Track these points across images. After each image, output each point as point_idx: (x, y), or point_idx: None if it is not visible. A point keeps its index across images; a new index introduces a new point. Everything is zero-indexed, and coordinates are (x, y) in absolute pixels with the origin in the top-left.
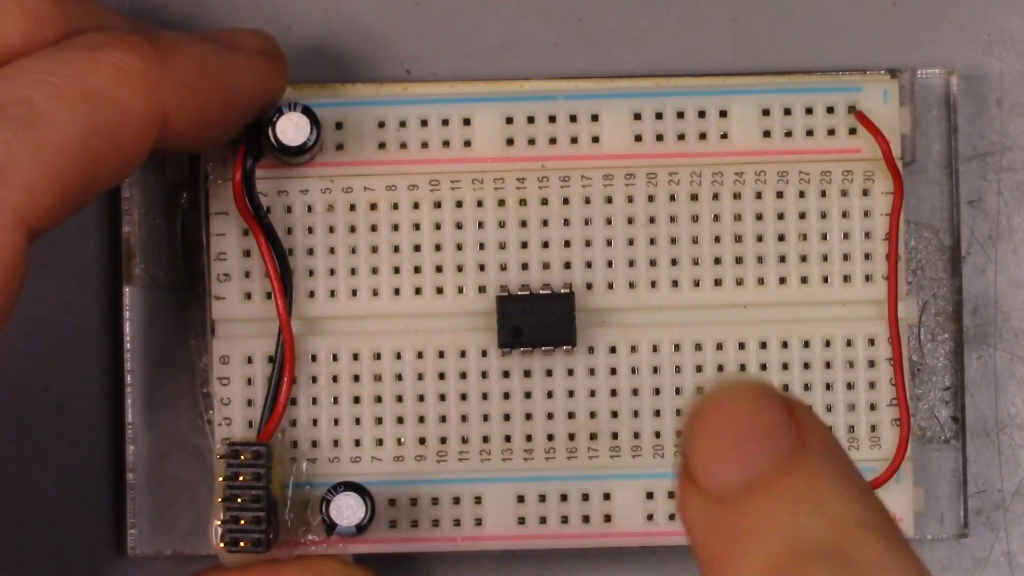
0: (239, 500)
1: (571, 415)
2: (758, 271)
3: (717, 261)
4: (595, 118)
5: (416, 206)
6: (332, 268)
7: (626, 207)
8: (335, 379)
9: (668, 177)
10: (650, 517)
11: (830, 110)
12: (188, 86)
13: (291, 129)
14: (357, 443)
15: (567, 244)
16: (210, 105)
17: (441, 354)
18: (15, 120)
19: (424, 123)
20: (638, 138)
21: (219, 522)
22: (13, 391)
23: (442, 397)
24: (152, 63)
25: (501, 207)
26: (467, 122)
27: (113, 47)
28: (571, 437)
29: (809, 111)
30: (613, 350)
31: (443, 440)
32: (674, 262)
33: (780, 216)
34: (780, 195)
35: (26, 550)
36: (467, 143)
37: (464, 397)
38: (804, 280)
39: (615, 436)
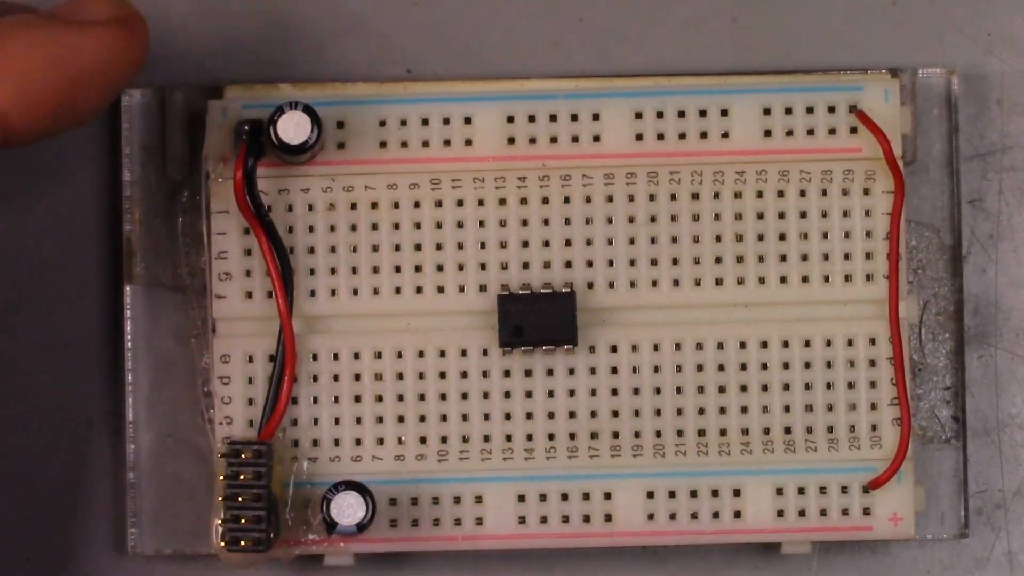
0: (240, 499)
1: (572, 414)
2: (759, 270)
3: (718, 260)
4: (596, 117)
5: (417, 205)
6: (333, 267)
7: (627, 206)
8: (336, 378)
9: (669, 176)
10: (651, 516)
11: (831, 109)
12: (25, 78)
13: (292, 128)
14: (358, 442)
15: (568, 243)
16: (55, 93)
17: (442, 353)
18: None
19: (425, 122)
20: (639, 137)
21: (220, 521)
22: (13, 391)
23: (443, 396)
24: None
25: (502, 206)
26: (468, 121)
27: None
28: (572, 436)
29: (810, 110)
30: (614, 349)
31: (444, 439)
32: (675, 261)
33: (781, 215)
34: (781, 194)
35: (27, 548)
36: (468, 142)
37: (465, 396)
38: (805, 279)
39: (616, 435)
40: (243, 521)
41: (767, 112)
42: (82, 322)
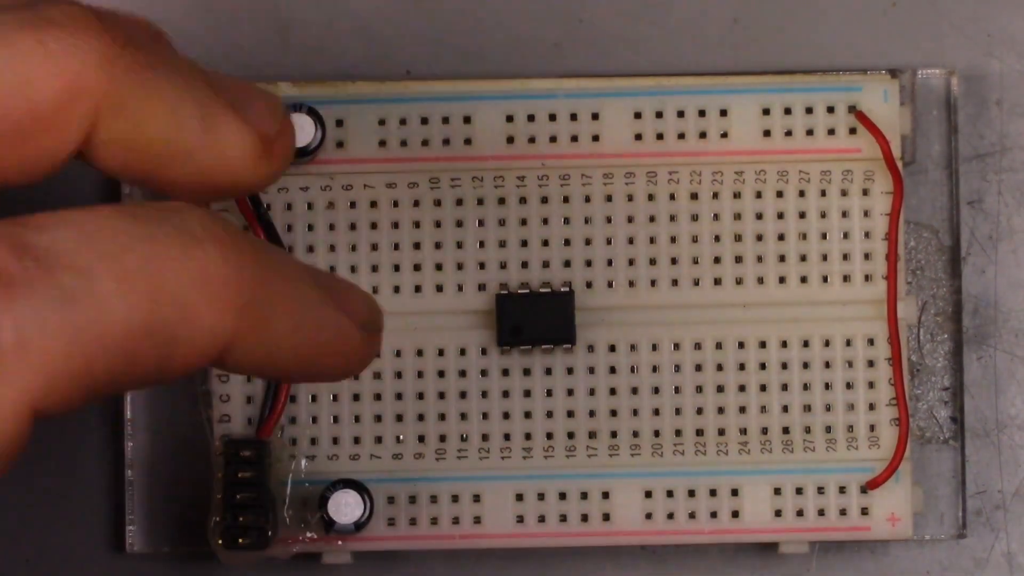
0: (238, 497)
1: (570, 414)
2: (758, 270)
3: (717, 260)
4: (596, 116)
5: (416, 204)
6: (332, 265)
7: (626, 206)
8: None
9: (668, 176)
10: (649, 516)
11: (830, 110)
12: (269, 327)
13: (296, 131)
14: (356, 441)
15: (567, 242)
16: (283, 351)
17: (441, 352)
18: (61, 293)
19: (424, 121)
20: (638, 137)
21: (218, 519)
22: None
23: (441, 395)
24: (244, 284)
25: (501, 205)
26: (467, 120)
27: (212, 246)
28: (570, 436)
29: (809, 111)
30: (612, 349)
31: (442, 438)
32: (674, 261)
33: (780, 215)
34: (780, 194)
35: (25, 547)
36: (467, 141)
37: (463, 395)
38: (804, 280)
39: (614, 435)
40: (241, 519)
41: (766, 112)
42: None
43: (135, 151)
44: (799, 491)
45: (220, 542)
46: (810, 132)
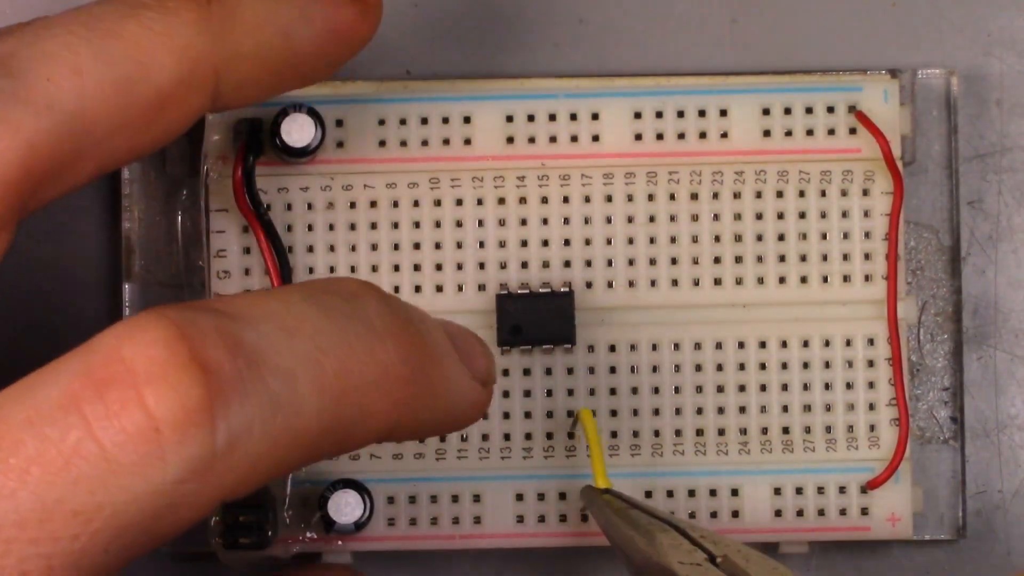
0: None
1: (570, 414)
2: (758, 270)
3: (717, 260)
4: (595, 117)
5: (416, 204)
6: (332, 266)
7: (626, 206)
8: None
9: (668, 176)
10: None
11: (830, 110)
12: (424, 412)
13: (296, 131)
14: None
15: (567, 243)
16: (429, 425)
17: None
18: (269, 399)
19: (424, 121)
20: (638, 137)
21: (218, 519)
22: None
23: None
24: (410, 378)
25: (501, 205)
26: (467, 120)
27: (392, 343)
28: (570, 436)
29: (809, 111)
30: (612, 349)
31: (442, 438)
32: (674, 261)
33: (780, 216)
34: (780, 195)
35: None
36: (467, 141)
37: None
38: (804, 280)
39: (614, 435)
40: (241, 519)
41: (766, 112)
42: (82, 319)
43: (260, 84)
44: (799, 491)
45: (220, 542)
46: (810, 132)
